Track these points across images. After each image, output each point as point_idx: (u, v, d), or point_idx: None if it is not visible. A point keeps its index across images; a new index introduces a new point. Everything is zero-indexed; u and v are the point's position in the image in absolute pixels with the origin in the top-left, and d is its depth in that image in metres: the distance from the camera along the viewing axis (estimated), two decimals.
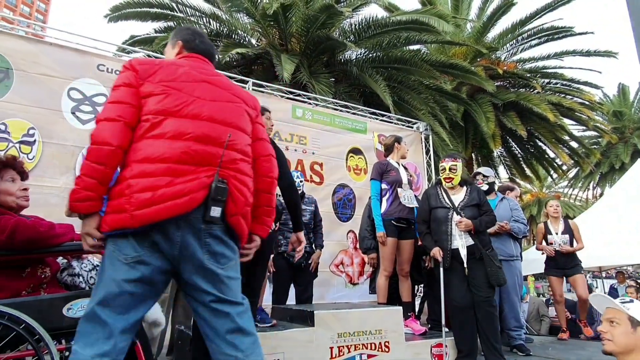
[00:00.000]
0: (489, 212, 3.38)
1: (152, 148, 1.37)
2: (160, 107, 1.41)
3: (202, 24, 8.52)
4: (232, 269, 1.47)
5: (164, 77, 1.46)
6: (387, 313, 3.16)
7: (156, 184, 1.34)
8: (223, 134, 1.47)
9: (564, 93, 11.35)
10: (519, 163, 12.59)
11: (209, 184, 1.39)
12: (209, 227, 1.41)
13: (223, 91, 1.56)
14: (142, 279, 1.34)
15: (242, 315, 1.45)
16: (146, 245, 1.34)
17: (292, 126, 5.38)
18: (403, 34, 8.38)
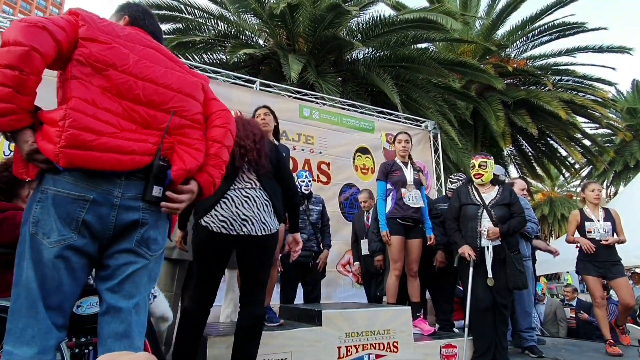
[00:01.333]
0: (518, 213, 3.32)
1: (96, 95, 1.26)
2: (104, 57, 1.29)
3: (210, 25, 8.57)
4: (157, 258, 1.37)
5: (109, 31, 1.34)
6: (395, 313, 3.13)
7: (101, 129, 1.23)
8: (168, 99, 1.39)
9: (576, 90, 11.15)
10: (530, 162, 12.40)
11: (154, 152, 1.31)
12: (148, 206, 1.32)
13: (170, 62, 1.48)
14: (67, 265, 1.20)
15: (134, 315, 1.29)
16: (73, 226, 1.21)
17: (300, 126, 5.38)
18: (411, 33, 8.32)
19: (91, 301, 1.77)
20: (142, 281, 1.33)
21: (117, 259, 1.29)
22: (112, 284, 1.28)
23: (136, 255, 1.31)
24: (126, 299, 1.28)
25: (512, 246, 3.26)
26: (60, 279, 1.20)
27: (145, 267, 1.33)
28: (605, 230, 3.86)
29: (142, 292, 1.33)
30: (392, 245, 3.44)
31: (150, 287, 1.38)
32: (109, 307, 1.27)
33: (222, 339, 2.52)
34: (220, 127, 1.51)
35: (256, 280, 2.21)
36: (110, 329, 1.26)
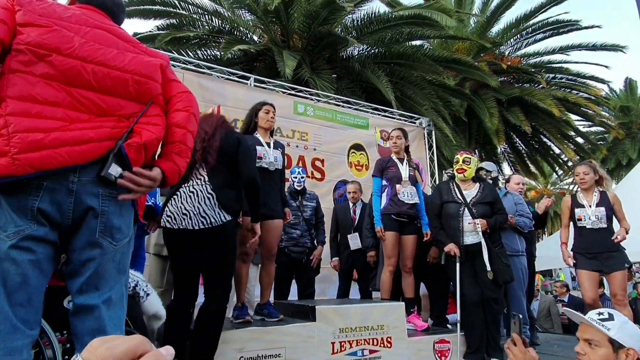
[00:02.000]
0: (502, 210, 3.38)
1: (37, 88, 1.16)
2: (44, 41, 1.18)
3: (204, 21, 8.51)
4: (123, 247, 1.30)
5: (48, 13, 1.24)
6: (389, 308, 3.14)
7: (47, 125, 1.14)
8: (123, 82, 1.30)
9: (569, 88, 11.23)
10: (523, 159, 12.49)
11: (114, 137, 1.23)
12: (108, 192, 1.24)
13: (122, 42, 1.37)
14: (31, 257, 1.14)
15: (106, 309, 1.24)
16: (29, 216, 1.13)
17: (294, 122, 5.36)
18: (405, 30, 8.32)
19: None
20: (111, 275, 1.27)
21: (81, 254, 1.23)
22: (80, 283, 1.24)
23: (100, 247, 1.24)
24: (95, 294, 1.24)
25: (495, 241, 3.30)
26: (24, 273, 1.13)
27: (112, 259, 1.27)
28: (597, 217, 3.37)
29: (112, 286, 1.28)
30: (386, 241, 3.44)
31: (122, 279, 1.32)
32: (80, 307, 1.24)
33: None
34: (182, 111, 1.43)
35: (209, 273, 2.24)
36: (85, 327, 1.23)
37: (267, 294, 2.97)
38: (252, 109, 3.09)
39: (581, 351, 1.41)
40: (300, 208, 3.91)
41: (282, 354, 2.65)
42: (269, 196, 2.89)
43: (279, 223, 2.95)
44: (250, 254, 2.84)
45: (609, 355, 1.35)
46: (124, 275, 1.33)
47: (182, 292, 2.25)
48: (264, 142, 2.97)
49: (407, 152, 3.72)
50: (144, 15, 8.41)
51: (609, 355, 1.35)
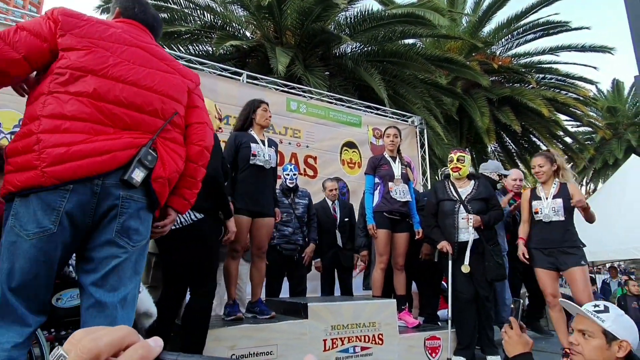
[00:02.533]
0: (497, 206, 3.41)
1: (68, 105, 1.25)
2: (82, 64, 1.29)
3: (196, 15, 8.42)
4: (140, 249, 1.35)
5: (90, 34, 1.34)
6: (381, 306, 3.15)
7: (72, 139, 1.23)
8: (150, 101, 1.38)
9: (558, 88, 11.38)
10: (513, 158, 12.64)
11: (136, 145, 1.30)
12: (129, 195, 1.30)
13: (156, 60, 1.46)
14: (45, 257, 1.21)
15: (121, 309, 1.29)
16: (54, 217, 1.20)
17: (287, 119, 5.35)
18: (398, 28, 8.34)
19: (71, 294, 1.74)
20: (127, 274, 1.31)
21: (100, 251, 1.28)
22: (96, 278, 1.27)
23: (118, 247, 1.29)
24: (111, 293, 1.28)
25: (490, 239, 3.32)
26: (37, 271, 1.20)
27: (128, 259, 1.32)
28: (554, 210, 3.14)
29: (127, 286, 1.32)
30: (378, 239, 3.46)
31: (136, 280, 1.36)
32: (95, 302, 1.27)
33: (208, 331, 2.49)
34: (195, 145, 1.51)
35: (190, 273, 2.25)
36: (95, 323, 1.25)
37: (258, 291, 2.96)
38: (249, 105, 3.04)
39: (575, 341, 1.43)
40: (292, 205, 3.90)
41: (274, 351, 2.64)
42: (263, 194, 2.88)
43: (270, 221, 2.94)
44: (239, 250, 2.81)
45: (602, 346, 1.36)
46: (138, 276, 1.37)
47: (167, 293, 2.26)
48: (258, 139, 2.95)
49: (399, 151, 3.74)
50: None
51: (602, 346, 1.36)
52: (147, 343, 0.35)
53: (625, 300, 6.62)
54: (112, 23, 1.49)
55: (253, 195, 2.82)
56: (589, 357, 1.37)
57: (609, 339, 1.36)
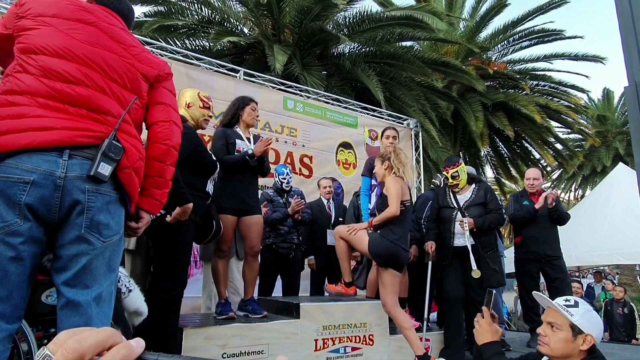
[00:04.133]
0: (496, 209, 3.40)
1: (18, 81, 1.27)
2: (30, 42, 1.31)
3: (193, 10, 8.34)
4: (113, 244, 1.31)
5: (44, 13, 1.35)
6: (372, 307, 3.18)
7: (17, 112, 1.23)
8: (96, 80, 1.35)
9: (551, 95, 11.51)
10: (505, 163, 12.76)
11: (79, 127, 1.27)
12: (95, 188, 1.27)
13: (113, 42, 1.42)
14: (14, 253, 1.17)
15: (96, 307, 1.25)
16: (16, 212, 1.17)
17: (283, 118, 5.34)
18: (397, 30, 8.36)
19: None
20: (100, 271, 1.27)
21: (69, 248, 1.24)
22: (68, 277, 1.24)
23: (88, 243, 1.25)
24: (84, 291, 1.24)
25: (486, 245, 3.33)
26: (6, 268, 1.16)
27: (101, 255, 1.28)
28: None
29: (101, 283, 1.28)
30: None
31: (111, 277, 1.32)
32: (67, 302, 1.23)
33: (197, 330, 2.49)
34: (161, 144, 1.48)
35: (154, 267, 2.36)
36: (71, 322, 1.23)
37: (250, 290, 2.96)
38: (238, 101, 3.02)
39: (543, 333, 1.49)
40: (286, 205, 3.90)
41: (265, 350, 2.65)
42: (247, 192, 2.86)
43: (259, 219, 2.91)
44: (225, 250, 2.79)
45: (567, 339, 1.42)
46: (113, 273, 1.33)
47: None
48: (244, 136, 2.94)
49: None
50: (131, 1, 8.18)
51: (568, 338, 1.42)
52: (129, 343, 0.37)
53: (612, 305, 6.74)
54: (77, 2, 1.45)
55: (238, 193, 2.80)
56: (554, 347, 1.44)
57: (575, 332, 1.42)
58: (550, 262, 3.89)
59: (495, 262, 3.28)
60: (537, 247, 3.90)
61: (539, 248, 3.90)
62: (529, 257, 3.97)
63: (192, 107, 2.58)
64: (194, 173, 2.37)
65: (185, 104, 2.57)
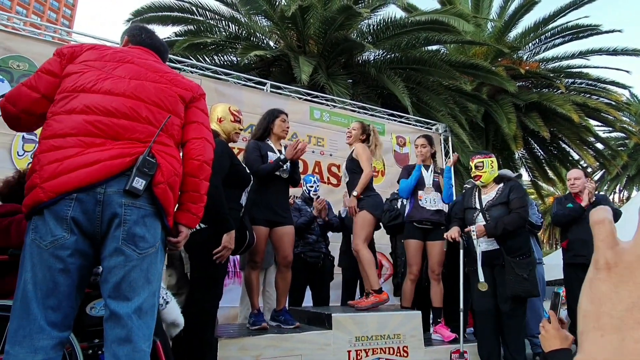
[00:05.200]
0: (516, 208, 3.05)
1: (61, 124, 1.36)
2: (74, 85, 1.41)
3: (221, 27, 8.63)
4: (149, 257, 1.36)
5: (86, 58, 1.48)
6: (406, 317, 3.11)
7: (64, 154, 1.31)
8: (138, 109, 1.43)
9: (589, 93, 11.00)
10: (542, 165, 12.25)
11: (130, 154, 1.35)
12: (131, 202, 1.33)
13: (149, 72, 1.53)
14: (63, 265, 1.26)
15: (137, 319, 1.30)
16: (64, 226, 1.27)
17: (310, 128, 5.38)
18: (422, 35, 8.29)
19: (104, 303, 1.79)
20: (138, 283, 1.33)
21: (109, 260, 1.32)
22: (109, 288, 1.31)
23: (125, 255, 1.31)
24: (124, 303, 1.30)
25: (514, 250, 2.99)
26: (56, 280, 1.25)
27: (138, 267, 1.33)
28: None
29: (140, 295, 1.32)
30: (408, 250, 3.42)
31: (150, 288, 1.36)
32: (110, 313, 1.30)
33: (232, 340, 2.52)
34: (194, 160, 1.55)
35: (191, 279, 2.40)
36: (114, 334, 1.29)
37: (283, 300, 2.97)
38: (268, 115, 3.08)
39: None
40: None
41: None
42: (279, 203, 2.91)
43: (290, 229, 2.94)
44: (257, 261, 2.84)
45: None
46: (152, 284, 1.37)
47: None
48: (275, 149, 2.99)
49: (434, 159, 3.69)
50: (162, 21, 8.57)
51: None
52: None
53: None
54: (114, 47, 1.63)
55: (271, 205, 2.86)
56: None
57: None
58: None
59: (524, 268, 2.94)
60: (587, 250, 3.58)
61: (588, 251, 3.60)
62: (578, 262, 3.66)
63: (223, 121, 2.65)
64: (229, 186, 2.43)
65: (217, 119, 2.65)
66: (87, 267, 1.35)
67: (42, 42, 4.10)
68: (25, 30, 4.23)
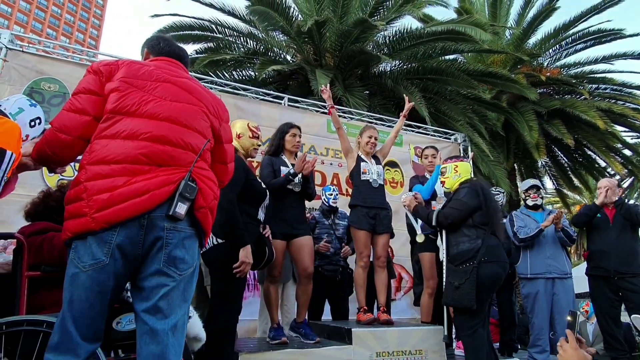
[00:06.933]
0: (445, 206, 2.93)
1: (106, 149, 1.36)
2: (118, 106, 1.41)
3: (239, 43, 8.84)
4: (187, 277, 1.40)
5: (125, 75, 1.47)
6: (428, 333, 3.05)
7: (113, 184, 1.32)
8: (182, 135, 1.46)
9: (614, 99, 10.67)
10: (566, 173, 11.90)
11: (174, 181, 1.37)
12: (173, 226, 1.37)
13: (186, 93, 1.55)
14: (100, 287, 1.30)
15: (172, 336, 1.33)
16: (106, 249, 1.30)
17: (328, 140, 5.41)
18: (439, 44, 8.26)
19: (130, 317, 1.82)
20: (176, 302, 1.37)
21: (150, 280, 1.35)
22: (148, 306, 1.34)
23: (166, 276, 1.35)
24: (162, 320, 1.33)
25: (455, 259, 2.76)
26: (92, 301, 1.30)
27: (177, 287, 1.37)
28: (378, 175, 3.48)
29: (177, 313, 1.37)
30: (424, 263, 3.37)
31: (185, 307, 1.41)
32: (148, 329, 1.33)
33: (253, 355, 2.53)
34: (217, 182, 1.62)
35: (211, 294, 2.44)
36: (149, 350, 1.31)
37: (303, 312, 2.97)
38: (279, 131, 3.15)
39: None
40: (332, 226, 3.91)
41: None
42: (294, 216, 2.93)
43: (309, 239, 2.95)
44: (276, 275, 2.85)
45: None
46: (186, 303, 1.41)
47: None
48: (289, 163, 3.04)
49: None
50: (183, 40, 8.84)
51: None
52: None
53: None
54: (145, 62, 1.61)
55: (286, 218, 2.89)
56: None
57: None
58: (625, 279, 3.42)
59: (460, 277, 2.67)
60: (607, 263, 3.48)
61: (608, 263, 3.47)
62: (598, 274, 3.56)
63: (242, 137, 2.71)
64: (245, 201, 2.47)
65: (236, 135, 2.70)
66: (121, 287, 1.40)
67: (71, 63, 4.30)
68: (55, 53, 4.45)
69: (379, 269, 3.25)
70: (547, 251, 3.57)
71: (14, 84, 3.89)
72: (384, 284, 3.29)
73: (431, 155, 3.64)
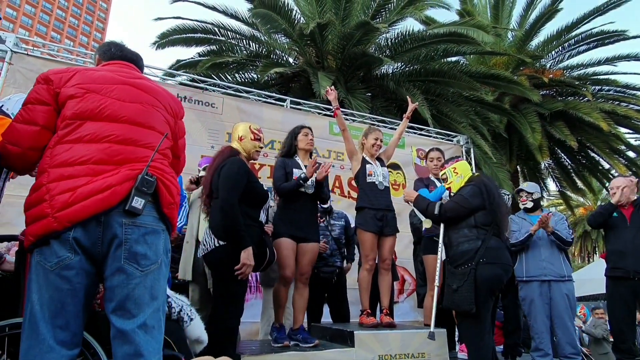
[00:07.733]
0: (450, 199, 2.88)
1: (70, 152, 1.36)
2: (77, 111, 1.42)
3: (242, 45, 8.87)
4: (153, 273, 1.37)
5: (80, 81, 1.47)
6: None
7: (76, 184, 1.32)
8: (143, 135, 1.48)
9: (617, 100, 10.63)
10: (570, 175, 11.85)
11: (134, 176, 1.37)
12: (131, 222, 1.35)
13: (143, 93, 1.56)
14: (69, 285, 1.28)
15: (143, 334, 1.31)
16: (67, 247, 1.29)
17: (330, 142, 5.41)
18: (441, 47, 8.27)
19: None
20: (144, 300, 1.34)
21: (112, 280, 1.33)
22: (114, 306, 1.32)
23: (127, 273, 1.33)
24: (129, 320, 1.31)
25: (455, 258, 2.73)
26: (63, 300, 1.28)
27: (142, 284, 1.34)
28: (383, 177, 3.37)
29: (145, 311, 1.33)
30: (428, 265, 3.36)
31: (154, 304, 1.37)
32: (116, 331, 1.31)
33: (255, 358, 2.52)
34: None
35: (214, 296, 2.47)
36: (122, 351, 1.30)
37: (300, 318, 2.95)
38: (291, 133, 3.17)
39: None
40: (328, 227, 3.88)
41: None
42: (306, 220, 2.93)
43: (314, 247, 2.95)
44: (289, 276, 2.84)
45: None
46: (157, 300, 1.38)
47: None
48: (302, 165, 3.03)
49: None
50: (186, 43, 8.89)
51: None
52: None
53: None
54: (98, 67, 1.64)
55: (295, 221, 2.88)
56: None
57: None
58: None
59: (459, 279, 2.61)
60: (625, 263, 3.34)
61: (626, 263, 3.32)
62: (616, 275, 3.43)
63: (244, 139, 2.71)
64: (247, 203, 2.47)
65: (238, 137, 2.71)
66: (92, 286, 1.37)
67: (75, 66, 4.33)
68: (59, 57, 4.48)
69: (383, 272, 3.24)
70: (543, 254, 3.54)
71: (18, 87, 3.91)
72: (388, 287, 3.28)
73: (436, 158, 3.63)
